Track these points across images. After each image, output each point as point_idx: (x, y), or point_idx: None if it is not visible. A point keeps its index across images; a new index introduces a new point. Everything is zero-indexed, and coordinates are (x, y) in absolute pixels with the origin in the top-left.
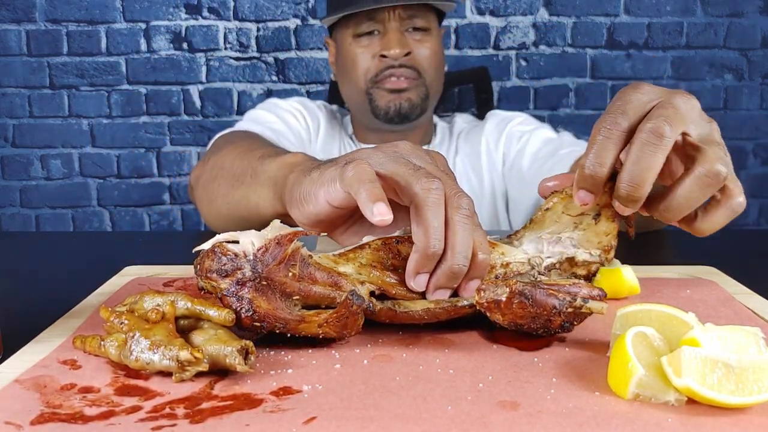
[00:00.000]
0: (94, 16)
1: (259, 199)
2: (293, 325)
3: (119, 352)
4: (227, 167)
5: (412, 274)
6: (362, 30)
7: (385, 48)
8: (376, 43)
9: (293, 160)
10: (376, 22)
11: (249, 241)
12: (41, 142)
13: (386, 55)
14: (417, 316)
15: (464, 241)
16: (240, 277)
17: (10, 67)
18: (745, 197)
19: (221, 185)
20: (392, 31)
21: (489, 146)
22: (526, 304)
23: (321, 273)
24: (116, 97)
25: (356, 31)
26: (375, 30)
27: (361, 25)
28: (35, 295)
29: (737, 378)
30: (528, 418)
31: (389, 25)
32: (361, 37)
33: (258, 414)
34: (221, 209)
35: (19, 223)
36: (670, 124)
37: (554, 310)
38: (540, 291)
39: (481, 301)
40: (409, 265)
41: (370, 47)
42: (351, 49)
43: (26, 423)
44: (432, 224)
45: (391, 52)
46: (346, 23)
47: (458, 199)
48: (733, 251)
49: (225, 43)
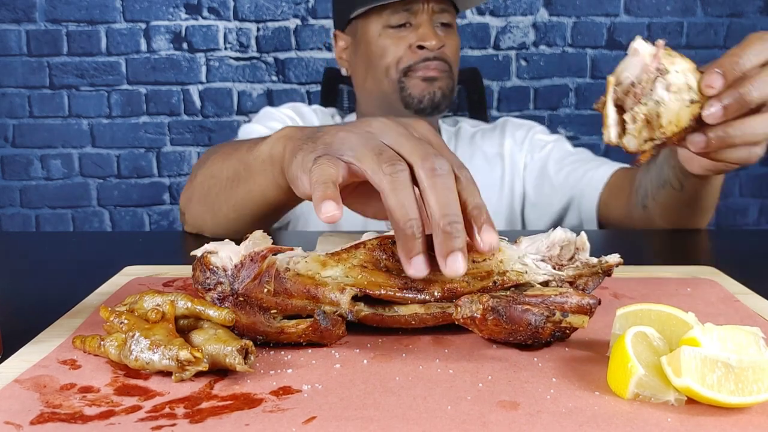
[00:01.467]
0: (94, 16)
1: (262, 188)
2: (273, 337)
3: (119, 351)
4: (217, 174)
5: (406, 262)
6: (395, 21)
7: (422, 39)
8: (409, 34)
9: (282, 134)
10: (411, 13)
11: (227, 256)
12: (41, 142)
13: (424, 46)
14: (404, 320)
15: (443, 200)
16: (220, 290)
17: (10, 67)
18: None
19: (219, 193)
20: (426, 23)
21: (513, 148)
22: (499, 320)
23: (297, 286)
24: (116, 97)
25: (388, 22)
26: (407, 22)
27: (396, 15)
28: (35, 295)
29: (737, 378)
30: (528, 418)
31: (422, 17)
32: (391, 28)
33: (258, 414)
34: (229, 215)
35: (19, 223)
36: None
37: (529, 326)
38: (515, 307)
39: (458, 317)
40: (400, 254)
41: (404, 38)
42: (381, 39)
43: (26, 423)
44: (397, 205)
45: (428, 44)
46: (378, 14)
47: (431, 162)
48: (733, 251)
49: (225, 43)
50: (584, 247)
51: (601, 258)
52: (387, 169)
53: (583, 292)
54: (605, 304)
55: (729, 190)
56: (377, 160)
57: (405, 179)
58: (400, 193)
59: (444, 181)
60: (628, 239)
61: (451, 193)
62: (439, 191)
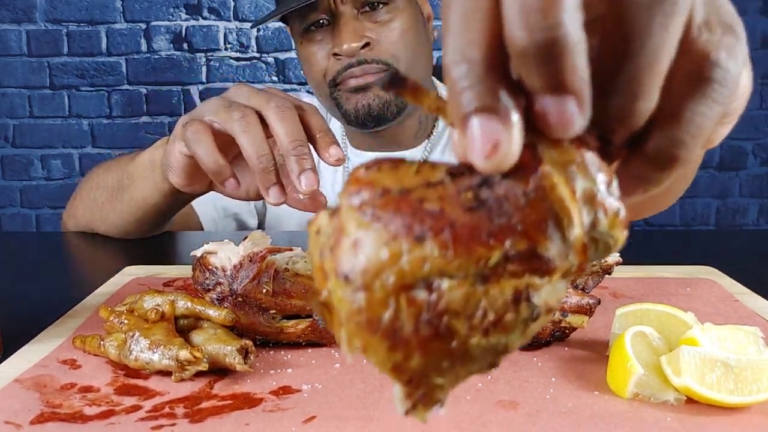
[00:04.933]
0: (94, 17)
1: (144, 193)
2: (273, 337)
3: (119, 351)
4: (102, 185)
5: (264, 193)
6: (310, 21)
7: (336, 44)
8: (328, 37)
9: (161, 141)
10: (320, 11)
11: (226, 256)
12: (41, 142)
13: (339, 53)
14: None
15: (287, 129)
16: (220, 291)
17: (11, 67)
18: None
19: (105, 202)
20: (342, 19)
21: None
22: None
23: (297, 286)
24: (116, 98)
25: (304, 25)
26: (323, 19)
27: (307, 16)
28: (35, 295)
29: (736, 377)
30: (527, 418)
31: (339, 10)
32: (311, 32)
33: (257, 413)
34: (116, 222)
35: (19, 223)
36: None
37: None
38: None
39: None
40: (259, 187)
41: (324, 43)
42: (303, 49)
43: (26, 422)
44: (249, 143)
45: (343, 48)
46: (293, 17)
47: (274, 102)
48: (733, 251)
49: (225, 43)
50: None
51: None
52: (236, 115)
53: (583, 292)
54: (605, 304)
55: (729, 190)
56: (227, 113)
57: (253, 121)
58: (250, 133)
59: (287, 114)
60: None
61: (293, 123)
62: (284, 122)
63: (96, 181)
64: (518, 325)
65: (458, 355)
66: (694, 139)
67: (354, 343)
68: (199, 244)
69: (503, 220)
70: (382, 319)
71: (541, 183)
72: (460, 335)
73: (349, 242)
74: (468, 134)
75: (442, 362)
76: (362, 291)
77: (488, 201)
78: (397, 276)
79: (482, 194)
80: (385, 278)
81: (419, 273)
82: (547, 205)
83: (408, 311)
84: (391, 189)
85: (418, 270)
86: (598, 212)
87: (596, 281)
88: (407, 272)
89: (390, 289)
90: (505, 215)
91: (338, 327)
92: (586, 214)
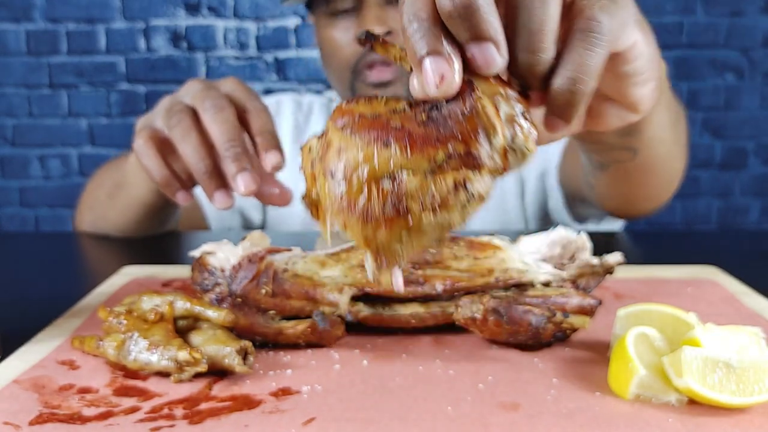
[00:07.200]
0: (93, 15)
1: (138, 192)
2: (272, 338)
3: (117, 352)
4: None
5: (210, 200)
6: (338, 7)
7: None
8: (352, 23)
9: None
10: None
11: (225, 257)
12: (40, 142)
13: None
14: (404, 320)
15: (221, 130)
16: (219, 291)
17: (9, 66)
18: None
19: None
20: (369, 5)
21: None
22: (500, 321)
23: (296, 288)
24: (115, 97)
25: (332, 9)
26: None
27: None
28: (35, 295)
29: (738, 378)
30: (528, 419)
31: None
32: (338, 15)
33: (257, 415)
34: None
35: (19, 223)
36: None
37: (530, 327)
38: (516, 308)
39: (458, 318)
40: (204, 192)
41: (347, 29)
42: (327, 32)
43: (25, 423)
44: (186, 152)
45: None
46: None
47: (209, 102)
48: (735, 251)
49: (224, 42)
50: (585, 247)
51: (602, 257)
52: (172, 122)
53: (585, 293)
54: (606, 305)
55: (730, 190)
56: (168, 117)
57: (188, 126)
58: (186, 140)
59: (220, 115)
60: (629, 239)
61: (227, 123)
62: (218, 124)
63: (98, 181)
64: (457, 206)
65: (414, 229)
66: (586, 75)
67: (336, 223)
68: (199, 244)
69: (447, 130)
70: (358, 203)
71: (475, 104)
72: (415, 213)
73: (335, 150)
74: (423, 71)
75: (402, 235)
76: (344, 183)
77: (436, 118)
78: (369, 170)
79: (432, 114)
80: (360, 173)
81: (386, 168)
82: (479, 120)
83: (377, 196)
84: (366, 114)
85: (385, 166)
86: (516, 129)
87: (598, 282)
88: (377, 168)
89: (364, 180)
90: (448, 127)
91: (323, 217)
92: (507, 130)
